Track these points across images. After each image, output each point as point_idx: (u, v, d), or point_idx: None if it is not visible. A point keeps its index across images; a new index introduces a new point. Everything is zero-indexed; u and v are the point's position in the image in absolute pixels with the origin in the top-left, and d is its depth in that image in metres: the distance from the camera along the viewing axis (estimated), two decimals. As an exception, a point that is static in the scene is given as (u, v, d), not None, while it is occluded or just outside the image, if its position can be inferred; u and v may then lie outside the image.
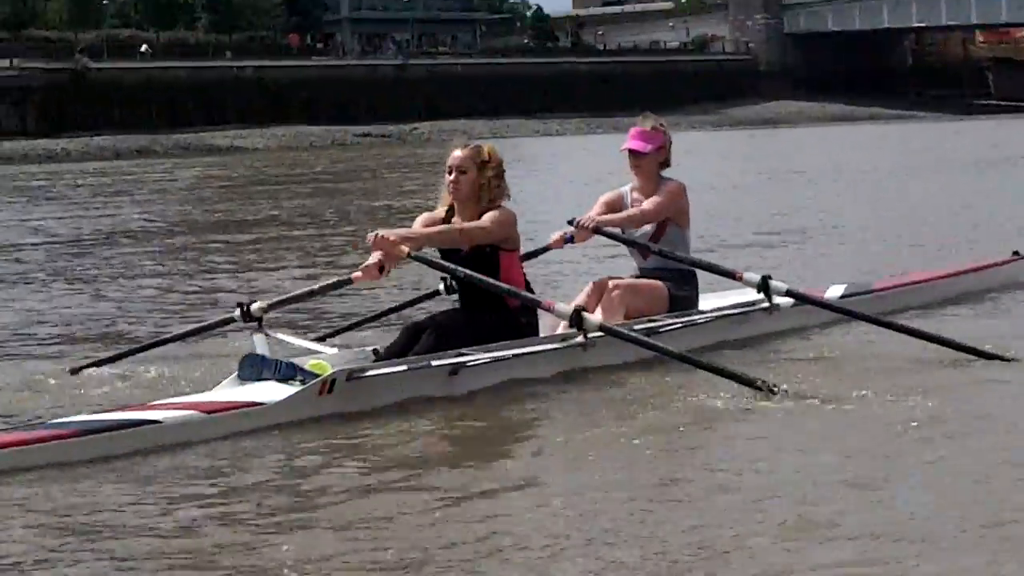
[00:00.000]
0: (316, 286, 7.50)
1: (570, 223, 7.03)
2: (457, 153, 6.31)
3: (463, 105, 63.46)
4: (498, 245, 6.26)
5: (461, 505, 4.48)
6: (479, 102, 64.92)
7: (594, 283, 6.94)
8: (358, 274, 6.45)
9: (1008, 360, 6.30)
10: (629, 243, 7.16)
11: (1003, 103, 79.18)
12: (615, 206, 7.19)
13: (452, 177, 6.28)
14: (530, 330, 6.37)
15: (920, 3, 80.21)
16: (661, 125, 7.25)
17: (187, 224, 19.12)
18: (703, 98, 72.43)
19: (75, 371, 6.93)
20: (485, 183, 6.29)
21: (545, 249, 7.46)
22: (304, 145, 52.45)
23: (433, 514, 4.34)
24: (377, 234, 6.11)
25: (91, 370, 6.93)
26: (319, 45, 75.93)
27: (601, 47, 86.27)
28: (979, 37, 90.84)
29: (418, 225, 6.52)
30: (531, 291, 6.45)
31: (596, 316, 6.27)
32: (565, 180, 21.26)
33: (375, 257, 6.20)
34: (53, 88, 56.49)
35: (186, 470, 5.11)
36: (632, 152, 7.11)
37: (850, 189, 21.75)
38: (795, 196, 20.50)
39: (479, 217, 6.28)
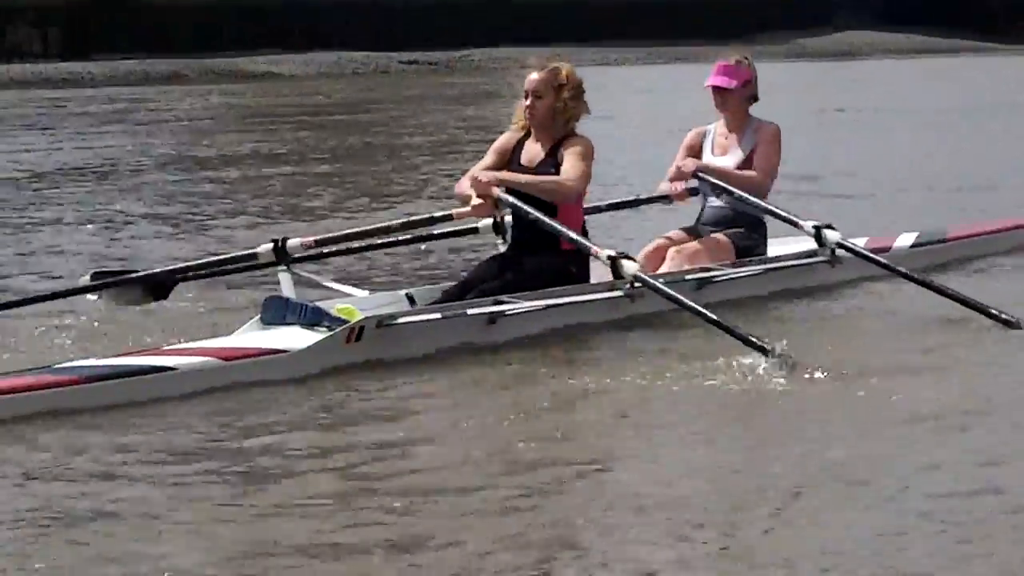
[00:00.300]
0: (374, 225, 7.36)
1: (675, 179, 7.03)
2: (533, 76, 6.21)
3: (515, 29, 59.82)
4: None
5: (496, 464, 4.44)
6: (531, 26, 60.96)
7: (656, 243, 6.88)
8: (466, 210, 6.32)
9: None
10: (722, 190, 6.92)
11: None
12: (695, 146, 7.15)
13: (528, 102, 6.20)
14: (579, 279, 6.22)
15: None
16: (746, 58, 7.15)
17: (215, 157, 18.21)
18: (773, 26, 67.83)
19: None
20: (562, 106, 6.20)
21: (654, 199, 7.45)
22: (346, 72, 50.43)
23: (465, 472, 4.34)
24: (477, 177, 6.13)
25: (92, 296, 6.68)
26: None
27: None
28: None
29: (493, 149, 6.44)
30: (586, 234, 6.29)
31: (633, 264, 6.05)
32: (633, 116, 20.54)
33: (475, 200, 6.15)
34: (77, 7, 54.72)
35: (199, 421, 5.01)
36: (716, 89, 6.97)
37: (931, 130, 21.13)
38: (873, 139, 19.87)
39: (557, 142, 6.22)
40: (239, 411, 5.15)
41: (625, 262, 5.98)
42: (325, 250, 6.72)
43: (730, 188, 6.83)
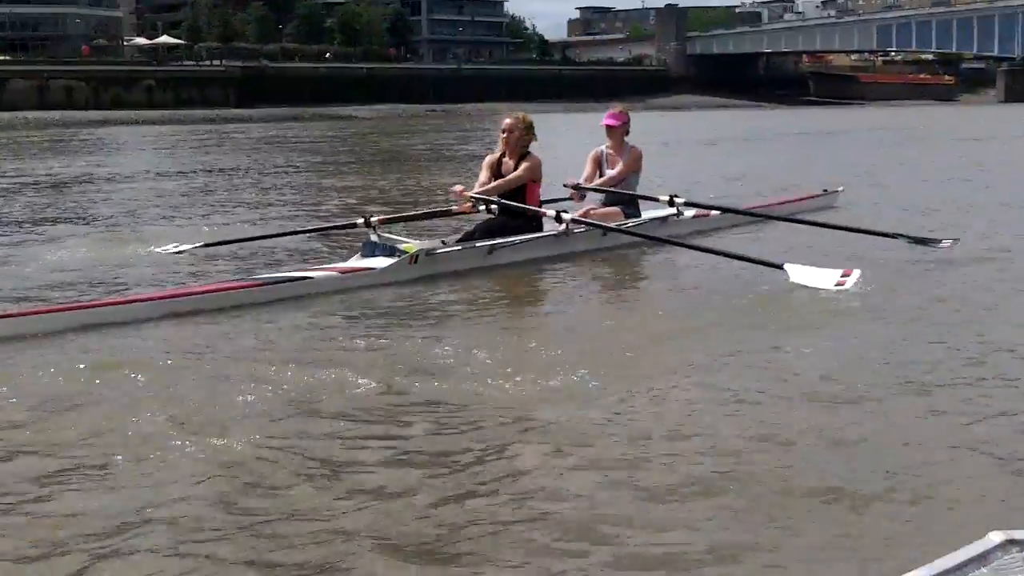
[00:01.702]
0: (422, 210, 11.15)
1: (565, 186, 10.42)
2: (507, 120, 9.61)
3: (493, 94, 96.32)
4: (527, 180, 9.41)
5: (495, 322, 7.31)
6: (502, 92, 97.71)
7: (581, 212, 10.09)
8: (459, 208, 9.73)
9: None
10: (603, 192, 10.39)
11: (817, 99, 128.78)
12: (598, 159, 10.53)
13: (504, 135, 9.52)
14: (536, 231, 9.46)
15: (769, 36, 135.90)
16: (625, 111, 10.58)
17: (319, 163, 27.96)
18: (636, 92, 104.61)
19: (215, 244, 10.00)
20: (523, 137, 9.49)
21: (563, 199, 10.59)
22: (400, 115, 78.00)
23: (475, 328, 7.04)
24: (457, 189, 9.57)
25: (230, 246, 10.09)
26: (408, 55, 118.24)
27: (578, 60, 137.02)
28: (804, 59, 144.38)
29: (485, 164, 9.68)
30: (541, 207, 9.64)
31: (567, 215, 9.38)
32: (560, 142, 28.26)
33: (466, 204, 9.51)
34: (245, 79, 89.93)
35: (330, 310, 7.50)
36: (608, 126, 10.42)
37: (730, 148, 33.00)
38: (700, 153, 31.41)
39: (520, 159, 9.43)
40: (350, 302, 7.73)
41: (563, 214, 9.32)
42: (390, 225, 9.67)
43: (601, 188, 10.30)
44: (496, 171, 9.57)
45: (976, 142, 32.16)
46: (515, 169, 9.40)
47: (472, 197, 9.35)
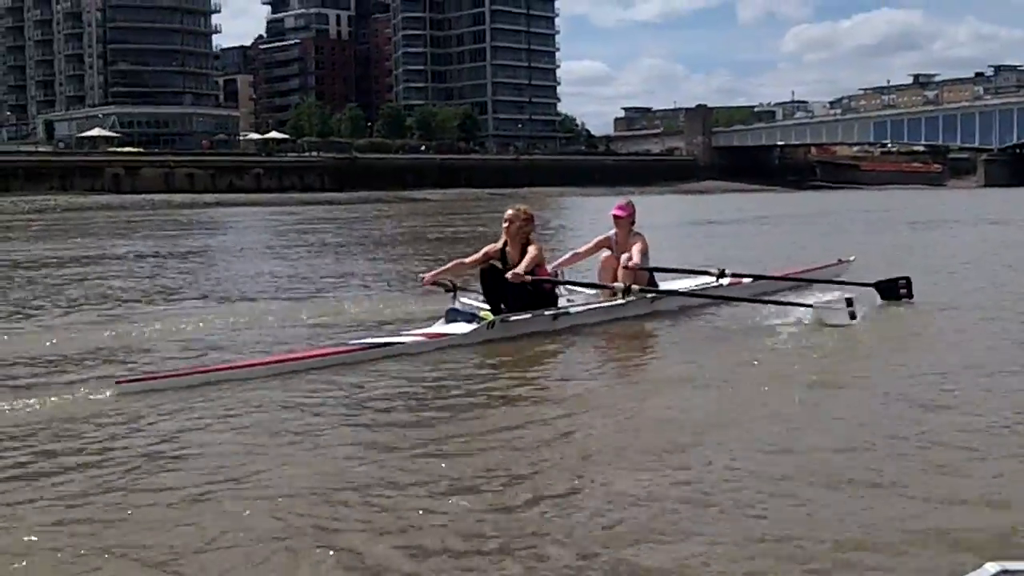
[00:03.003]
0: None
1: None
2: (509, 212, 8.97)
3: (545, 180, 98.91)
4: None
5: (559, 385, 6.90)
6: (557, 178, 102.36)
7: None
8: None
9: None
10: (653, 270, 9.86)
11: (824, 183, 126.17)
12: (604, 243, 10.00)
13: (506, 225, 8.91)
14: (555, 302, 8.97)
15: (782, 131, 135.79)
16: (631, 203, 10.14)
17: (397, 235, 29.39)
18: (668, 179, 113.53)
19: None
20: (523, 227, 8.90)
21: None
22: (466, 198, 78.10)
23: (546, 389, 6.76)
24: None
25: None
26: (476, 147, 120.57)
27: (619, 151, 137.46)
28: (812, 150, 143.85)
29: (484, 249, 9.00)
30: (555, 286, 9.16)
31: (635, 286, 9.12)
32: (596, 217, 28.30)
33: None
34: (338, 168, 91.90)
35: (419, 369, 7.28)
36: (616, 217, 10.00)
37: (749, 226, 32.30)
38: (717, 230, 29.97)
39: (523, 247, 8.83)
40: (438, 362, 7.47)
41: (630, 286, 9.11)
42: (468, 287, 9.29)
43: (658, 268, 9.88)
44: (501, 259, 8.91)
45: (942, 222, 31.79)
46: (520, 256, 8.81)
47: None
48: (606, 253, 9.96)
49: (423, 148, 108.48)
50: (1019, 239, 19.46)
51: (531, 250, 8.80)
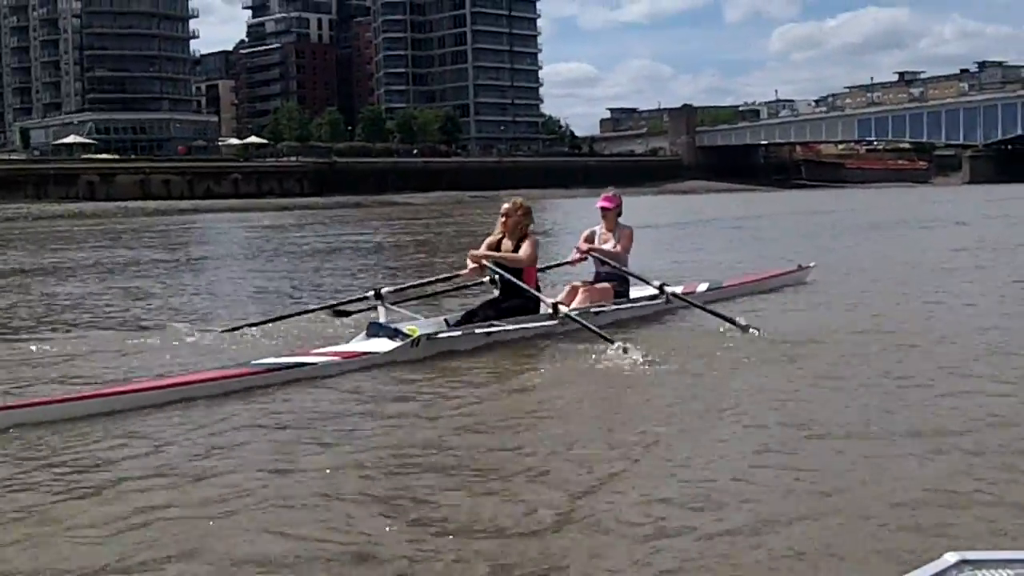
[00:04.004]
0: (428, 279, 9.73)
1: (577, 248, 9.70)
2: (506, 205, 8.70)
3: (528, 181, 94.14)
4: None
5: (491, 401, 6.28)
6: (540, 180, 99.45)
7: (572, 285, 9.27)
8: (466, 271, 8.71)
9: (745, 329, 8.00)
10: (604, 262, 9.52)
11: (808, 182, 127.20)
12: (590, 238, 9.72)
13: (503, 220, 8.62)
14: (535, 309, 8.41)
15: (766, 129, 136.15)
16: (618, 195, 9.84)
17: (377, 240, 28.17)
18: (652, 179, 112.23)
19: (233, 329, 8.58)
20: (521, 221, 8.61)
21: (566, 263, 9.97)
22: (445, 201, 77.59)
23: (473, 406, 6.06)
24: (472, 252, 8.62)
25: (250, 330, 8.54)
26: (458, 150, 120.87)
27: (603, 152, 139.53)
28: (797, 149, 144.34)
29: (484, 244, 8.67)
30: (539, 289, 8.55)
31: (564, 307, 8.28)
32: (579, 216, 28.39)
33: (472, 264, 8.57)
34: (318, 172, 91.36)
35: (330, 394, 6.43)
36: (603, 208, 9.69)
37: (729, 226, 31.91)
38: (701, 231, 30.17)
39: (519, 241, 8.50)
40: (353, 387, 6.60)
41: (560, 307, 8.19)
42: (402, 295, 8.80)
43: (606, 259, 9.43)
44: (496, 251, 8.67)
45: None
46: (514, 250, 8.52)
47: (480, 255, 8.52)
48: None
49: (415, 152, 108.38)
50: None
51: (525, 245, 8.50)
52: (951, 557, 1.99)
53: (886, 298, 10.97)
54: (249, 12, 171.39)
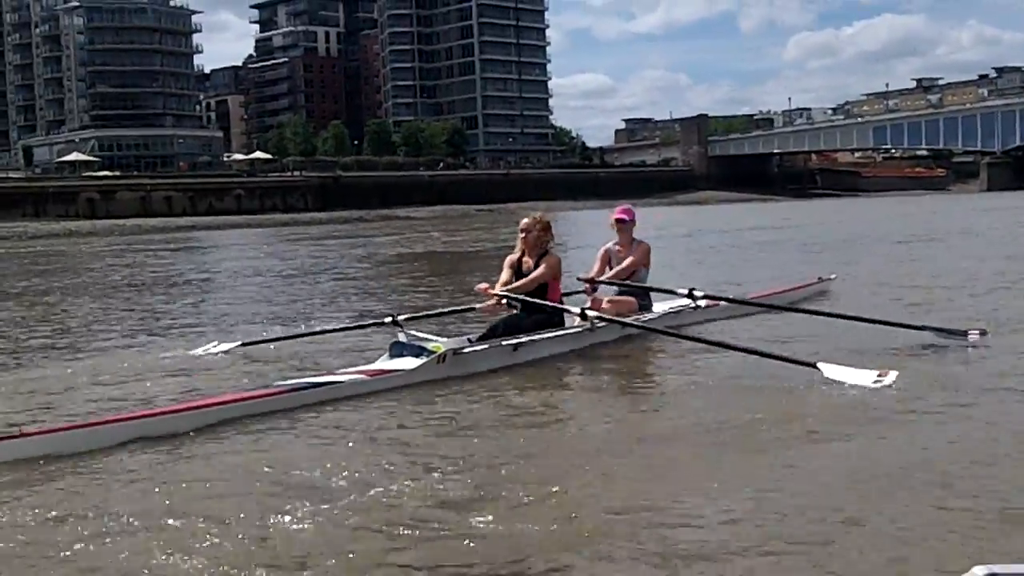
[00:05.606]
0: (444, 309, 9.86)
1: (579, 279, 9.55)
2: (526, 220, 8.64)
3: (536, 193, 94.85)
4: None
5: (523, 418, 6.16)
6: (548, 192, 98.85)
7: (593, 298, 9.17)
8: (485, 306, 8.71)
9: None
10: (616, 284, 9.45)
11: (824, 191, 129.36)
12: (605, 257, 9.65)
13: (523, 235, 8.57)
14: (560, 323, 8.38)
15: (780, 138, 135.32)
16: (632, 209, 9.74)
17: (385, 255, 28.09)
18: (664, 190, 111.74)
19: (248, 344, 8.80)
20: (541, 237, 8.52)
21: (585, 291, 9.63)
22: (451, 215, 76.80)
23: (507, 428, 5.92)
24: (482, 287, 8.60)
25: (266, 346, 8.79)
26: (466, 163, 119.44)
27: (615, 163, 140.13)
28: (813, 157, 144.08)
29: (507, 264, 8.67)
30: (562, 303, 8.56)
31: (592, 312, 8.37)
32: (593, 229, 28.59)
33: (490, 301, 8.50)
34: (322, 187, 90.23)
35: (362, 409, 6.51)
36: (619, 220, 9.54)
37: (745, 237, 31.12)
38: (718, 238, 30.30)
39: (540, 258, 8.48)
40: (378, 403, 6.64)
41: (587, 311, 8.27)
42: (417, 323, 8.75)
43: (615, 282, 9.35)
44: (517, 270, 8.60)
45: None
46: (535, 268, 8.45)
47: (497, 295, 8.43)
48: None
49: (421, 168, 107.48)
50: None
51: (543, 264, 8.45)
52: (979, 571, 2.08)
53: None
54: (257, 27, 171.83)
